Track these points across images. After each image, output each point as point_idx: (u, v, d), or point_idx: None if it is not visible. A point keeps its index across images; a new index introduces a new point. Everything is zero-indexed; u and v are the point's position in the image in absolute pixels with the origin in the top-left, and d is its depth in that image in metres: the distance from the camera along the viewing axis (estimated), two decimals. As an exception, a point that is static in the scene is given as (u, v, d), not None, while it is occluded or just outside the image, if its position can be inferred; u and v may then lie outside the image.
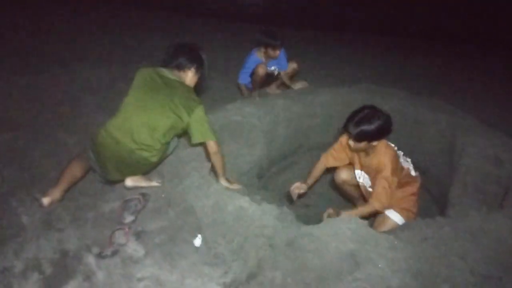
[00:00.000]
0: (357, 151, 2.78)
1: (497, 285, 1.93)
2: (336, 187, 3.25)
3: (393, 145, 2.84)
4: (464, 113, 3.42)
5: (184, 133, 2.69)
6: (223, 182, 2.68)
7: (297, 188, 3.04)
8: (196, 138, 2.57)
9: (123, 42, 5.66)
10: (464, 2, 7.93)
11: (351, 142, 2.65)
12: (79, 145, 3.10)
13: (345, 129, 2.63)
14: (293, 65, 4.40)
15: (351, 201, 3.32)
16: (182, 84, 2.65)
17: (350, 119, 2.59)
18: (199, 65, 2.77)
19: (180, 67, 2.70)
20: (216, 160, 2.64)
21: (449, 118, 3.29)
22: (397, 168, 2.72)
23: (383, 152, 2.67)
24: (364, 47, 6.88)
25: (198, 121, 2.55)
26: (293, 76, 4.55)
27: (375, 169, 2.72)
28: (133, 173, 2.65)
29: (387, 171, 2.62)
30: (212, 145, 2.59)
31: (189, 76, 2.75)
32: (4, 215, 2.42)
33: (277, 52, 4.04)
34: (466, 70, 6.03)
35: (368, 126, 2.51)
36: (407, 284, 1.89)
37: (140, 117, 2.49)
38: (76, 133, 3.26)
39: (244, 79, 4.30)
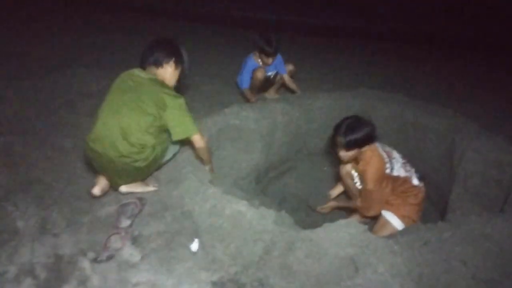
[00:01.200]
0: (349, 160, 2.86)
1: (499, 290, 1.91)
2: (340, 178, 3.24)
3: (390, 151, 2.87)
4: (464, 117, 3.40)
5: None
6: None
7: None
8: (176, 135, 2.48)
9: (121, 46, 5.65)
10: (463, 6, 7.93)
11: (342, 153, 2.74)
12: (75, 149, 3.08)
13: (333, 141, 2.73)
14: (289, 67, 4.38)
15: (351, 198, 3.30)
16: (155, 80, 2.51)
17: (336, 131, 2.69)
18: (178, 59, 2.64)
19: (158, 63, 2.58)
20: (202, 154, 2.62)
21: (448, 123, 3.27)
22: (383, 178, 2.75)
23: (368, 161, 2.73)
24: (363, 53, 6.88)
25: (175, 116, 2.43)
26: (291, 78, 4.53)
27: (362, 176, 2.82)
28: (127, 179, 2.58)
29: (369, 184, 2.71)
30: (196, 140, 2.52)
31: (169, 72, 2.62)
32: (-2, 219, 2.39)
33: (270, 60, 3.99)
34: (466, 76, 6.02)
35: (356, 134, 2.61)
36: (407, 290, 1.87)
37: (112, 124, 2.37)
38: (72, 137, 3.24)
39: (246, 83, 4.21)
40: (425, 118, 3.41)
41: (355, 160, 2.87)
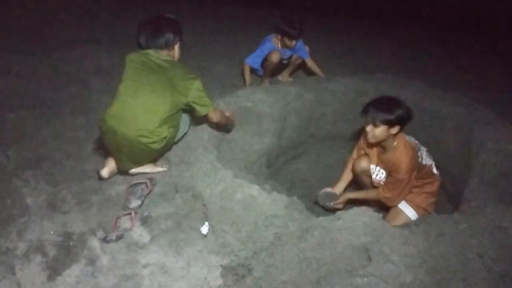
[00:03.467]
0: (375, 139, 2.66)
1: (515, 285, 1.86)
2: (355, 175, 3.17)
3: (415, 141, 2.79)
4: (482, 106, 3.31)
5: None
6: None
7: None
8: (198, 113, 2.59)
9: (133, 24, 5.57)
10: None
11: (369, 128, 2.60)
12: (86, 127, 3.05)
13: (364, 112, 2.59)
14: (314, 65, 4.26)
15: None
16: (174, 63, 2.55)
17: (370, 103, 2.57)
18: (181, 36, 2.66)
19: (169, 44, 2.57)
20: (219, 126, 2.81)
21: (467, 112, 3.19)
22: (415, 169, 2.67)
23: (401, 149, 2.63)
24: (380, 36, 6.72)
25: (196, 97, 2.50)
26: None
27: (392, 166, 2.68)
28: (138, 162, 2.56)
29: (403, 173, 2.61)
30: (212, 116, 2.63)
31: (177, 51, 2.66)
32: (8, 195, 2.38)
33: (293, 42, 3.87)
34: (487, 62, 5.86)
35: (388, 112, 2.50)
36: (421, 281, 1.83)
37: (136, 102, 2.36)
38: (83, 114, 3.21)
39: (253, 61, 4.08)
40: (443, 107, 3.32)
41: (381, 147, 2.76)
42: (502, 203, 2.31)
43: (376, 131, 2.58)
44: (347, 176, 3.19)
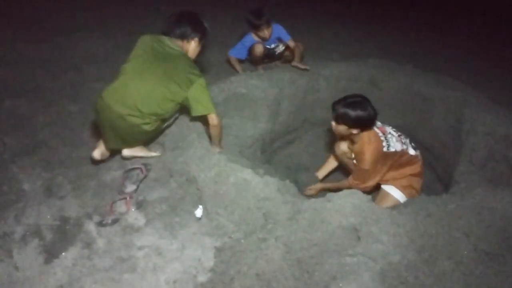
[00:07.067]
0: (337, 134, 2.81)
1: (500, 262, 1.92)
2: (337, 158, 3.23)
3: (385, 128, 2.80)
4: (473, 90, 3.34)
5: (184, 106, 2.59)
6: (215, 149, 2.66)
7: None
8: (196, 112, 2.50)
9: (127, 12, 5.56)
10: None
11: (333, 123, 2.69)
12: (81, 114, 3.07)
13: (332, 107, 2.65)
14: (299, 46, 4.20)
15: (349, 172, 3.29)
16: (184, 55, 2.55)
17: (338, 100, 2.63)
18: (203, 35, 2.66)
19: (183, 37, 2.58)
20: (214, 132, 2.63)
21: (458, 95, 3.22)
22: (380, 159, 2.70)
23: (365, 143, 2.67)
24: (373, 21, 6.72)
25: (198, 94, 2.45)
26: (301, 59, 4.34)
27: (358, 157, 2.76)
28: (128, 142, 2.55)
29: (367, 164, 2.66)
30: (213, 118, 2.55)
31: (192, 47, 2.64)
32: (5, 181, 2.41)
33: (265, 32, 3.77)
34: (479, 47, 5.86)
35: (351, 111, 2.53)
36: (409, 260, 1.88)
37: (135, 84, 2.37)
38: (78, 102, 3.22)
39: (235, 52, 4.07)
40: (435, 90, 3.35)
41: (350, 140, 2.83)
42: (490, 184, 2.37)
43: (338, 128, 2.68)
44: (331, 163, 3.36)
